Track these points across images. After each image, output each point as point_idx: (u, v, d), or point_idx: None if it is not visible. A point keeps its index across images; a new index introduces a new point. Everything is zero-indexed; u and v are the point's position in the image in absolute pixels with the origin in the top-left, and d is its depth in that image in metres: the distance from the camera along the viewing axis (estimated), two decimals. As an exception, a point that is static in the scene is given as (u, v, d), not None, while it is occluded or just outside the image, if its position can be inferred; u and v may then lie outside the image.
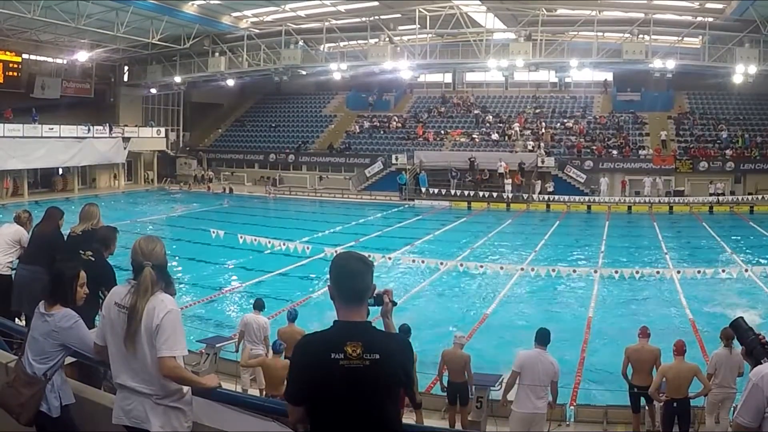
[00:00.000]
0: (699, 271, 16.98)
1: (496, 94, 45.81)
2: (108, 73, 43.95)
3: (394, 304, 2.97)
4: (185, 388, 3.34)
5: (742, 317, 3.25)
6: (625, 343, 12.06)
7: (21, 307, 6.13)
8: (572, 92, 44.18)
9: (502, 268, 18.01)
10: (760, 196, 32.76)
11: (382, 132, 43.62)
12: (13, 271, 6.89)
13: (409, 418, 7.98)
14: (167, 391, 3.25)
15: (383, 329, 2.94)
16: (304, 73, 42.00)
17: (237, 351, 10.05)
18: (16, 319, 6.23)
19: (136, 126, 42.30)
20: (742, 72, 32.68)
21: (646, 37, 33.93)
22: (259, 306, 10.08)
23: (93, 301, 5.23)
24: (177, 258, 20.50)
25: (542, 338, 7.67)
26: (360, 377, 2.55)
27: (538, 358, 7.53)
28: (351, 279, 2.68)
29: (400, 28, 38.13)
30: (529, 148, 37.89)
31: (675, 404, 7.80)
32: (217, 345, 10.38)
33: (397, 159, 38.51)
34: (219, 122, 49.70)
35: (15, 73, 36.82)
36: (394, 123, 43.95)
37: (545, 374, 7.45)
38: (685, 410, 7.87)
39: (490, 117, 42.56)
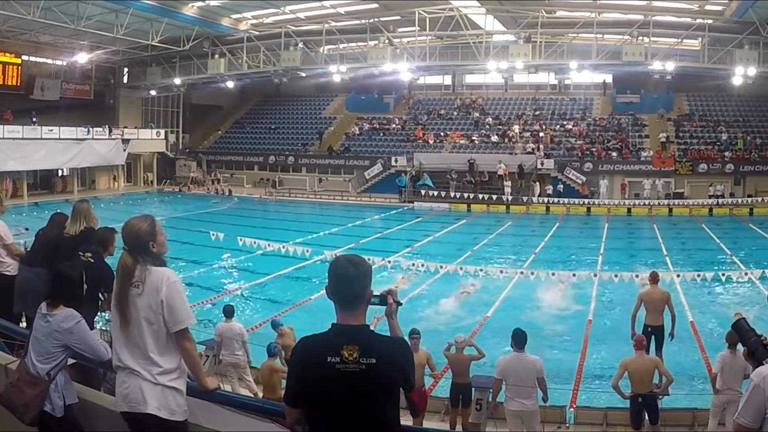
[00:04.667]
0: (698, 274, 16.95)
1: (495, 96, 45.85)
2: (107, 74, 43.97)
3: (399, 304, 2.97)
4: (183, 367, 3.36)
5: (744, 318, 3.24)
6: (625, 344, 12.09)
7: (24, 309, 6.12)
8: (572, 94, 44.21)
9: (501, 270, 17.99)
10: (759, 198, 32.80)
11: (381, 134, 43.65)
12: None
13: (407, 420, 7.97)
14: (164, 368, 3.26)
15: (388, 329, 2.94)
16: (303, 75, 42.03)
17: (218, 363, 10.02)
18: (22, 323, 6.21)
19: (135, 128, 42.33)
20: (741, 74, 32.72)
21: (646, 39, 33.97)
22: (228, 313, 10.02)
23: (92, 303, 5.23)
24: (176, 260, 20.51)
25: (518, 340, 7.69)
26: (356, 381, 2.56)
27: (518, 360, 7.61)
28: (345, 284, 2.68)
29: (400, 30, 38.17)
30: (529, 150, 37.92)
31: (641, 399, 7.91)
32: (216, 348, 10.35)
33: (396, 161, 38.53)
34: (218, 124, 49.72)
35: (14, 75, 36.82)
36: (394, 125, 44.01)
37: (527, 375, 7.53)
38: (653, 405, 7.97)
39: (490, 119, 42.59)
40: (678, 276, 16.99)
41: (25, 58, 37.44)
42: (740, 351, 7.58)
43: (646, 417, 8.04)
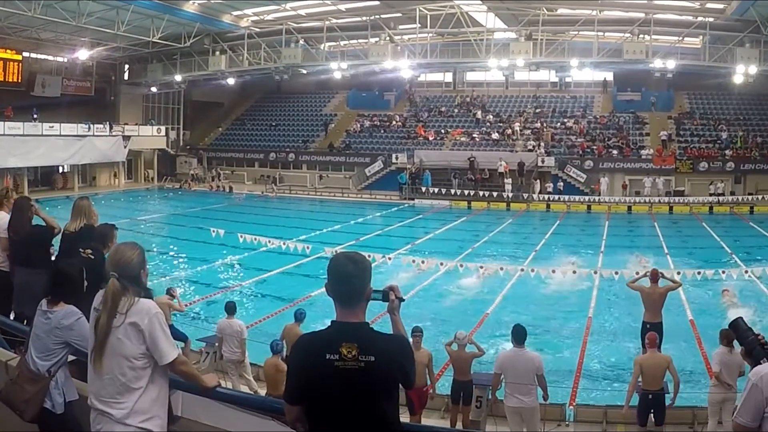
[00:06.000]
0: (699, 272, 16.93)
1: (496, 94, 45.78)
2: (108, 71, 43.94)
3: (401, 300, 2.96)
4: (157, 407, 3.15)
5: (741, 317, 3.24)
6: (625, 343, 12.15)
7: (23, 310, 6.13)
8: (572, 92, 44.16)
9: (502, 268, 17.97)
10: (760, 197, 32.74)
11: (382, 131, 43.62)
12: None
13: (407, 418, 8.00)
14: (136, 407, 3.06)
15: (391, 325, 2.94)
16: (304, 72, 41.99)
17: (221, 358, 10.02)
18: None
19: (136, 124, 42.37)
20: (742, 72, 32.66)
21: (647, 37, 33.94)
22: (230, 310, 10.02)
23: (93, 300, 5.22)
24: (177, 257, 20.57)
25: (518, 336, 7.68)
26: (355, 379, 2.55)
27: (517, 356, 7.61)
28: (343, 282, 2.68)
29: (401, 27, 38.15)
30: (529, 147, 37.90)
31: (651, 396, 7.95)
32: (217, 344, 10.39)
33: (397, 158, 38.52)
34: (219, 121, 49.69)
35: (15, 72, 36.79)
36: (395, 122, 43.98)
37: (526, 371, 7.53)
38: (660, 403, 8.00)
39: (491, 116, 42.56)
40: (678, 274, 16.97)
41: (26, 54, 37.39)
42: (737, 349, 7.60)
43: (652, 417, 8.06)
